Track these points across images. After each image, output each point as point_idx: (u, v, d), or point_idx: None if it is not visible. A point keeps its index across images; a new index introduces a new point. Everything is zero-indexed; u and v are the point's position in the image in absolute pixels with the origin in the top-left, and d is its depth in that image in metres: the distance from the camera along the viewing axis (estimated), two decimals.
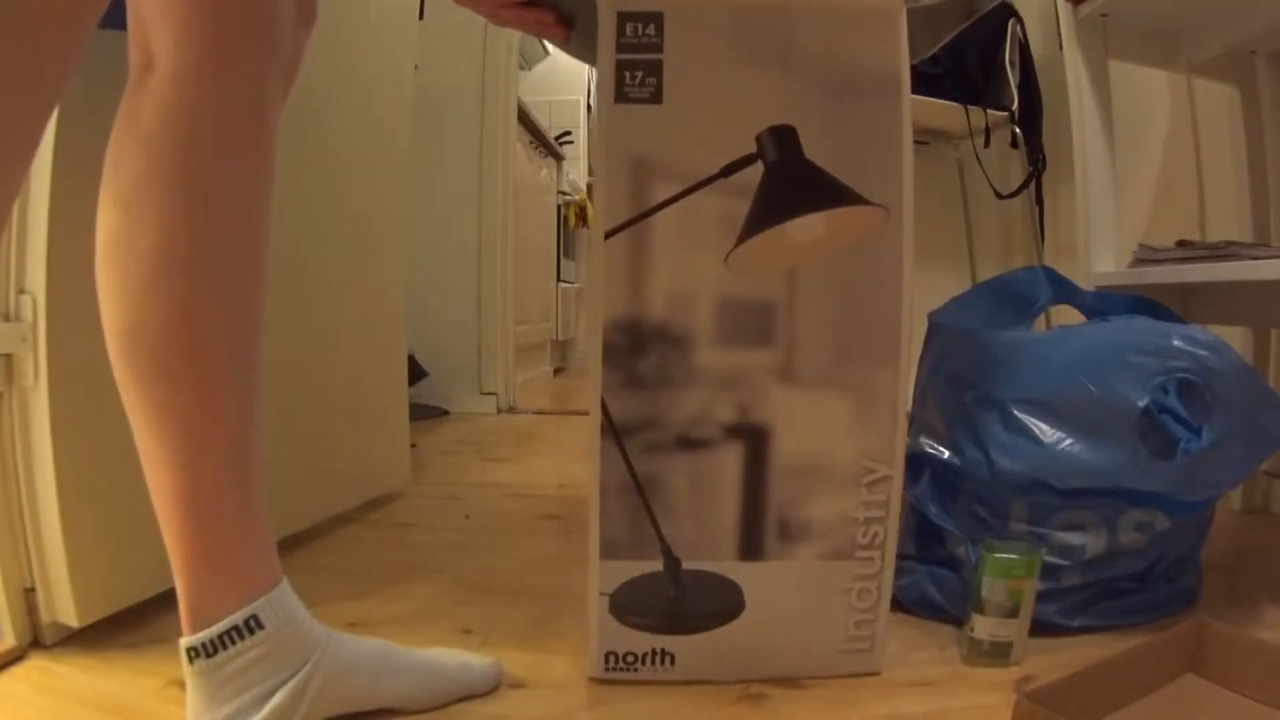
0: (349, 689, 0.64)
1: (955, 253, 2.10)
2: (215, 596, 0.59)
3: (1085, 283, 1.20)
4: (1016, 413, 0.83)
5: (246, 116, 0.58)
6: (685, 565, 0.72)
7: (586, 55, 0.75)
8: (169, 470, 0.57)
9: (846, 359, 0.71)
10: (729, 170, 0.68)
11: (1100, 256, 1.25)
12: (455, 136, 2.41)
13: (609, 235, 0.68)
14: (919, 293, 0.71)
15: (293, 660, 0.61)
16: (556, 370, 3.84)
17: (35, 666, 0.74)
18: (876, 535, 0.73)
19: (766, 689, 0.73)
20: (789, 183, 0.69)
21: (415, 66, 1.46)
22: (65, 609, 0.76)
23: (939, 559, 0.90)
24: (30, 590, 0.76)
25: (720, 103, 0.68)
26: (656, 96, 0.68)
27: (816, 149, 0.69)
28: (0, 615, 0.75)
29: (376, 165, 1.33)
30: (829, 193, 0.69)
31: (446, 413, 2.42)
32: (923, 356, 0.97)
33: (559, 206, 3.71)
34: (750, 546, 0.72)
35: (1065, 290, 1.05)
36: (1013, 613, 0.76)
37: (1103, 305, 1.05)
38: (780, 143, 0.68)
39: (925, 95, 1.73)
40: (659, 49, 0.68)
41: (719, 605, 0.73)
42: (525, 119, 2.83)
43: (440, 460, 1.77)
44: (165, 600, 0.77)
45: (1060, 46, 1.31)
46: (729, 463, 0.71)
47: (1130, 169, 1.54)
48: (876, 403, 0.71)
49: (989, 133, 1.83)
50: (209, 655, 0.58)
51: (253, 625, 0.59)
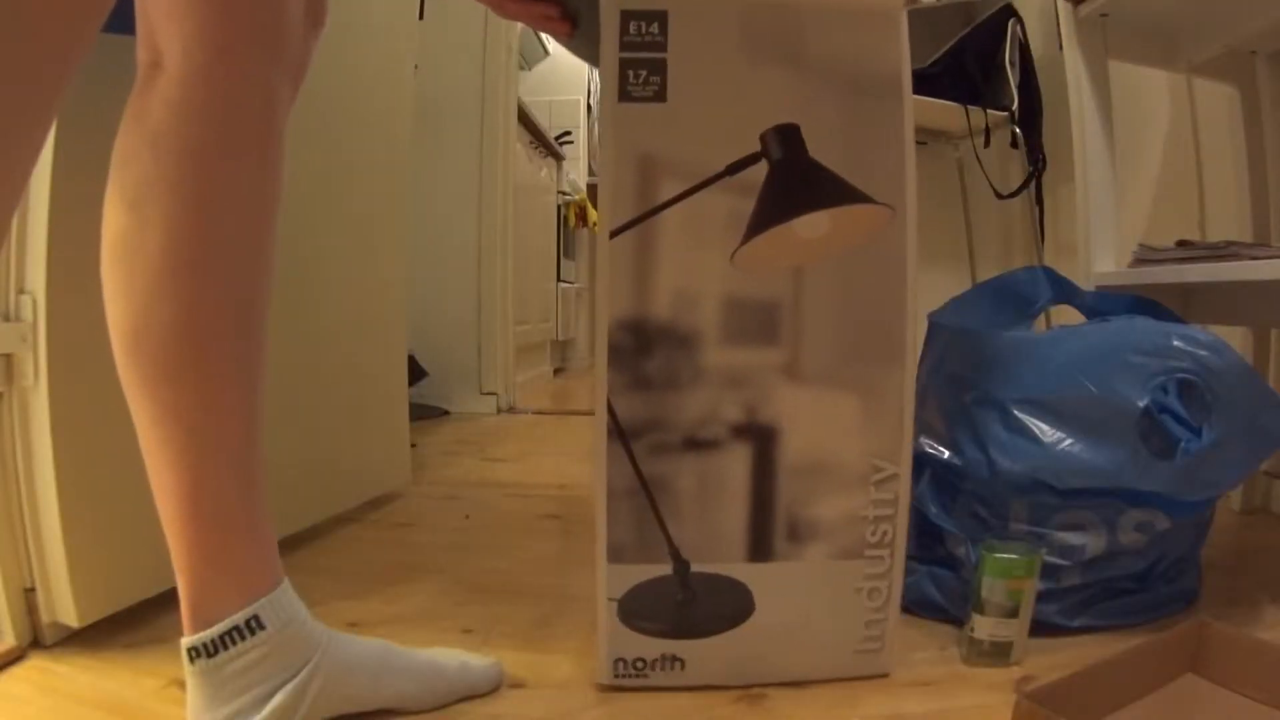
0: (350, 689, 0.64)
1: (955, 253, 2.10)
2: (217, 596, 0.59)
3: (1085, 283, 1.20)
4: (1016, 413, 0.83)
5: (254, 118, 0.58)
6: (694, 568, 0.71)
7: (588, 53, 0.74)
8: (172, 470, 0.57)
9: (853, 357, 0.71)
10: (734, 169, 0.68)
11: (1100, 256, 1.25)
12: (455, 136, 2.41)
13: (614, 235, 0.68)
14: (919, 293, 0.71)
15: (293, 661, 0.61)
16: (556, 370, 3.84)
17: (35, 666, 0.74)
18: (886, 534, 0.73)
19: (767, 689, 0.73)
20: (793, 181, 0.69)
21: (415, 66, 1.46)
22: (65, 609, 0.76)
23: (939, 559, 0.90)
24: (30, 590, 0.76)
25: (724, 101, 0.68)
26: (660, 95, 0.68)
27: (820, 148, 0.69)
28: (0, 615, 0.75)
29: (376, 165, 1.33)
30: (833, 191, 0.69)
31: (446, 413, 2.42)
32: (923, 356, 0.97)
33: (559, 206, 3.71)
34: (759, 548, 0.72)
35: (1065, 290, 1.05)
36: (1013, 613, 0.76)
37: (1103, 305, 1.05)
38: (784, 141, 0.68)
39: (925, 95, 1.73)
40: (663, 47, 0.68)
41: (728, 608, 0.73)
42: (525, 119, 2.83)
43: (440, 460, 1.77)
44: (165, 600, 0.78)
45: (1060, 46, 1.31)
46: (737, 463, 0.71)
47: (1130, 169, 1.54)
48: (883, 401, 0.71)
49: (989, 133, 1.83)
50: (210, 655, 0.58)
51: (254, 625, 0.59)
